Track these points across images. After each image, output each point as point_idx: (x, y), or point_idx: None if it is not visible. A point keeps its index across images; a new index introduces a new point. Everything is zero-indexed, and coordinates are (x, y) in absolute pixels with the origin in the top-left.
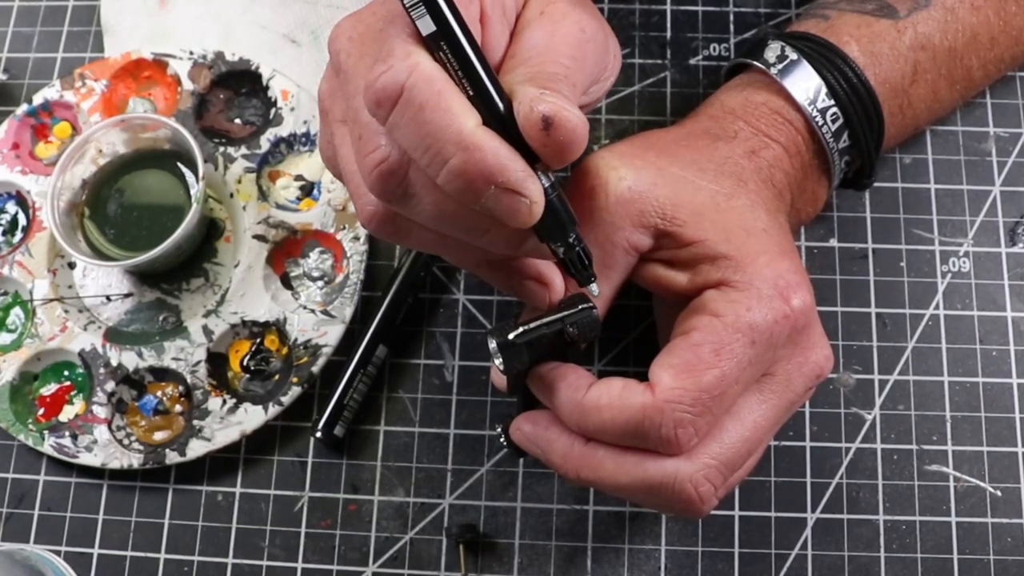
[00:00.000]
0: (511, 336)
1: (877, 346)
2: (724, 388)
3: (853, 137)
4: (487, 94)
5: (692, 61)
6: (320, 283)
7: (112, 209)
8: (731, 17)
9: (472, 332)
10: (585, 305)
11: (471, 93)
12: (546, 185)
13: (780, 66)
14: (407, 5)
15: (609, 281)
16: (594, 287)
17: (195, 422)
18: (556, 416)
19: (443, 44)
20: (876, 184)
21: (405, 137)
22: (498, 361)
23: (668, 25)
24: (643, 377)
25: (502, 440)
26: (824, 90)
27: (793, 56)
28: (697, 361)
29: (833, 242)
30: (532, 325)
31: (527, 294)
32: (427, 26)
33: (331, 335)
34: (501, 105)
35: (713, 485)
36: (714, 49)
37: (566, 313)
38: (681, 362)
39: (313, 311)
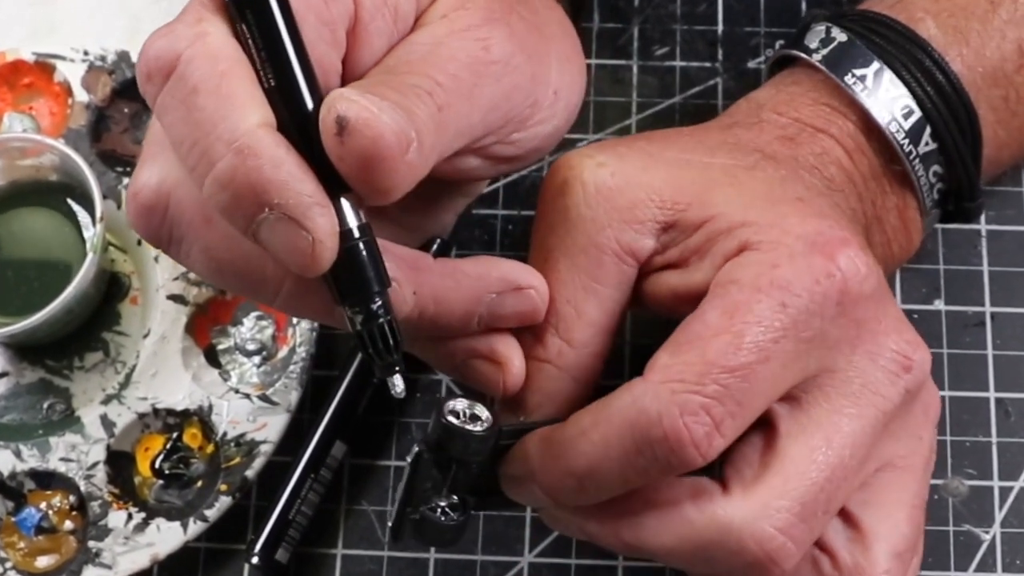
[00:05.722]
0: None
1: (997, 442)
2: (745, 360)
3: (937, 138)
4: (293, 88)
5: (751, 64)
6: (257, 359)
7: None
8: (802, 7)
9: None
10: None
11: (272, 83)
12: (350, 226)
13: (825, 51)
14: None
15: (599, 301)
16: (396, 382)
17: (91, 543)
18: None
19: (248, 13)
20: (995, 227)
21: (173, 124)
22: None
23: (719, 17)
24: None
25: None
26: (888, 76)
27: (842, 37)
28: (703, 328)
29: (939, 304)
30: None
31: (475, 376)
32: None
33: (272, 428)
34: (311, 106)
35: (788, 537)
36: (779, 48)
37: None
38: (683, 336)
39: (248, 396)
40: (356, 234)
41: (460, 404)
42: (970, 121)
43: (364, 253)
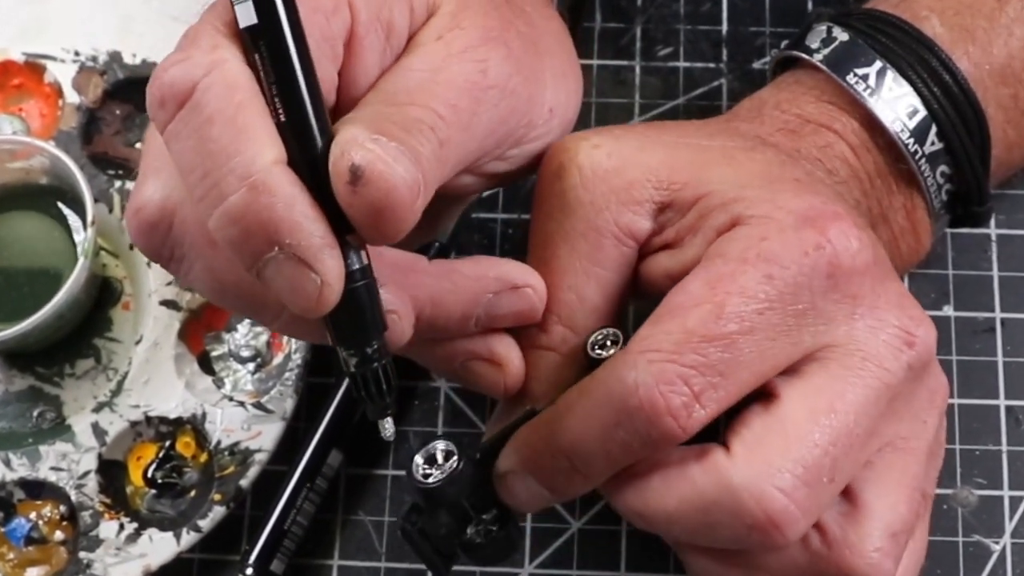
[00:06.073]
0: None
1: (1007, 451)
2: (726, 331)
3: (944, 138)
4: (304, 124)
5: (756, 64)
6: (251, 366)
7: None
8: (808, 6)
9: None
10: None
11: (283, 119)
12: (354, 267)
13: (826, 51)
14: None
15: (601, 285)
16: (387, 425)
17: (82, 554)
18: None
19: (262, 44)
20: (1006, 231)
21: (183, 152)
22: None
23: (724, 17)
24: None
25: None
26: (891, 75)
27: (843, 37)
28: (685, 299)
29: (948, 310)
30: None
31: (474, 379)
32: (247, 15)
33: (267, 436)
34: (320, 143)
35: (791, 500)
36: (781, 49)
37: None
38: (664, 308)
39: (242, 404)
40: (357, 276)
41: (420, 459)
42: (977, 120)
43: (363, 297)
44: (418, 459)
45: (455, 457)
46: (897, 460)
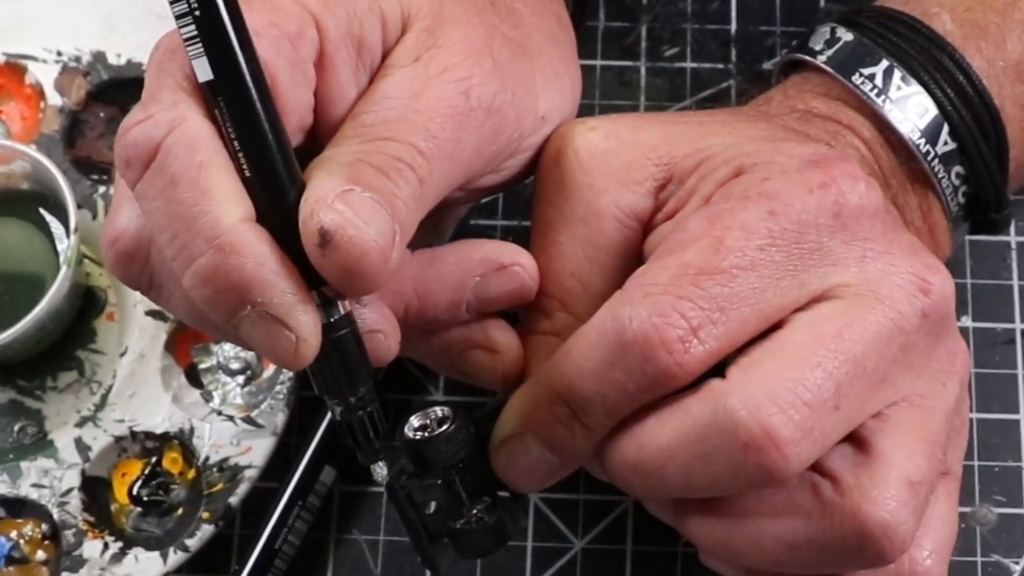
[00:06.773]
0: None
1: None
2: (726, 264)
3: (956, 137)
4: (270, 177)
5: (766, 65)
6: (241, 379)
7: None
8: (820, 3)
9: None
10: None
11: (249, 173)
12: (334, 318)
13: (830, 52)
14: (184, 37)
15: (604, 270)
16: (379, 469)
17: (65, 575)
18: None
19: (221, 100)
20: None
21: (152, 213)
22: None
23: (733, 15)
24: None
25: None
26: (899, 74)
27: (848, 37)
28: (684, 236)
29: (966, 321)
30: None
31: (472, 368)
32: (204, 71)
33: (257, 452)
34: (292, 194)
35: (788, 418)
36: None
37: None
38: (663, 247)
39: (232, 418)
40: (339, 326)
41: (416, 421)
42: (992, 119)
43: (344, 347)
44: (413, 420)
45: (450, 421)
46: (914, 415)
